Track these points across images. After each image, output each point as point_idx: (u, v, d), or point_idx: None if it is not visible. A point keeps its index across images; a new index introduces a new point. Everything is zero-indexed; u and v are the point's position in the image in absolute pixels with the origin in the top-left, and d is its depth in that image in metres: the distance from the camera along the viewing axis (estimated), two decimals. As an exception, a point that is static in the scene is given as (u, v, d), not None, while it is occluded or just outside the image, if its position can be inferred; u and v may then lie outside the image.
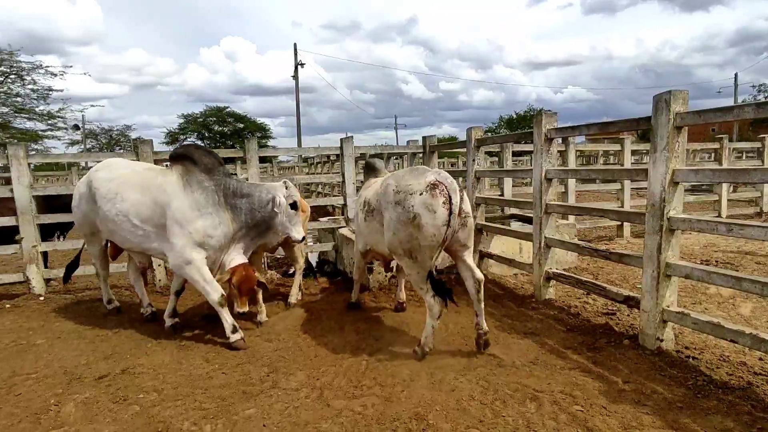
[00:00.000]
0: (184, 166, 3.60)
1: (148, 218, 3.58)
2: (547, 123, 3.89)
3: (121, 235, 3.72)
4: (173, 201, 3.48)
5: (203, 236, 3.46)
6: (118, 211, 3.62)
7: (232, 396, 2.78)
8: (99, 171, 3.86)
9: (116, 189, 3.68)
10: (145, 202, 3.57)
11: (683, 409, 2.45)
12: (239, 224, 3.58)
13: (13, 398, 2.85)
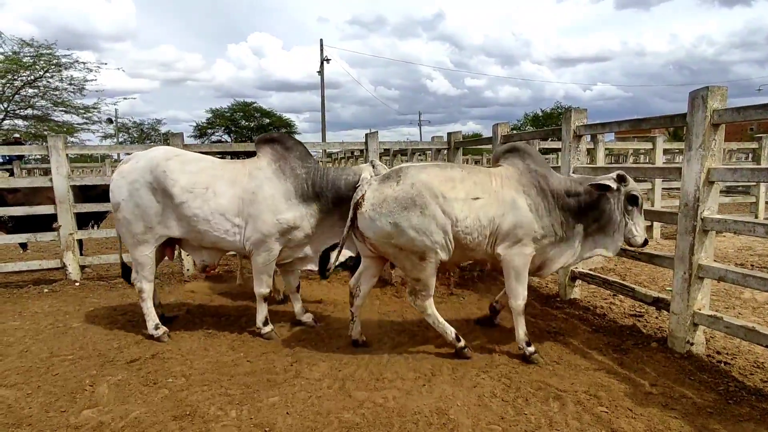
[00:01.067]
0: (274, 152, 3.49)
1: (242, 211, 3.38)
2: (576, 119, 3.82)
3: (212, 235, 3.40)
4: (265, 188, 3.37)
5: (290, 225, 3.40)
6: (213, 209, 3.34)
7: (256, 383, 2.84)
8: (170, 159, 3.42)
9: (205, 183, 3.36)
10: (239, 194, 3.37)
11: (713, 414, 2.38)
12: (327, 211, 3.47)
13: (51, 377, 2.99)
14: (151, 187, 3.37)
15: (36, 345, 3.51)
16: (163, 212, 3.40)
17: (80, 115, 15.15)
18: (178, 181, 3.34)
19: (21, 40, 13.24)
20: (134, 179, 3.39)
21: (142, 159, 3.47)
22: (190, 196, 3.33)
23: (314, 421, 2.43)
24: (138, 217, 3.41)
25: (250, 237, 3.41)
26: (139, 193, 3.38)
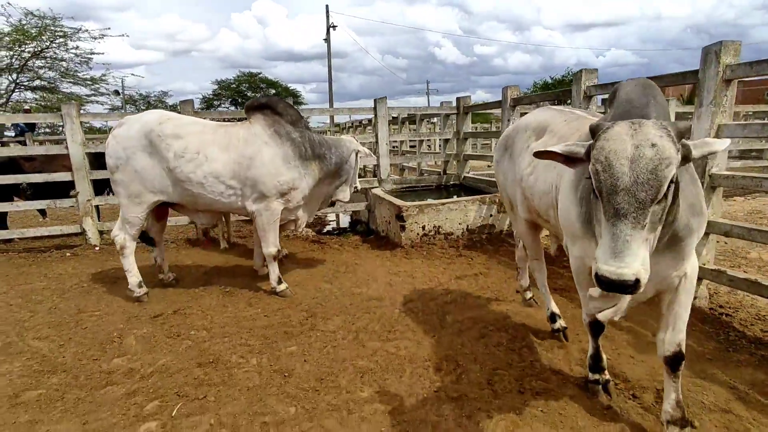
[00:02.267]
0: (267, 117, 3.56)
1: (238, 175, 3.46)
2: (587, 80, 3.79)
3: (207, 197, 3.48)
4: (263, 153, 3.45)
5: (289, 188, 3.53)
6: (207, 173, 3.41)
7: (274, 335, 2.99)
8: (162, 123, 3.45)
9: (196, 147, 3.40)
10: (234, 158, 3.44)
11: (712, 360, 2.48)
12: (324, 174, 3.69)
13: (81, 331, 3.16)
14: (147, 151, 3.42)
15: (63, 303, 3.69)
16: (160, 176, 3.45)
17: (88, 86, 15.19)
18: (171, 146, 3.39)
19: (25, 9, 13.15)
20: (129, 143, 3.42)
21: (136, 122, 3.49)
22: (182, 161, 3.39)
23: (330, 367, 2.57)
24: (133, 180, 3.45)
25: (252, 199, 3.53)
26: (135, 157, 3.42)
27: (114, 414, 2.21)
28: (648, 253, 1.34)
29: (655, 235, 1.39)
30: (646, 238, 1.33)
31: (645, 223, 1.31)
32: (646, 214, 1.31)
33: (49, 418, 2.20)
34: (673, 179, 1.33)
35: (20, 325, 3.26)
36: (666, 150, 1.31)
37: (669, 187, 1.33)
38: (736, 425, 1.97)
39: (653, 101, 1.65)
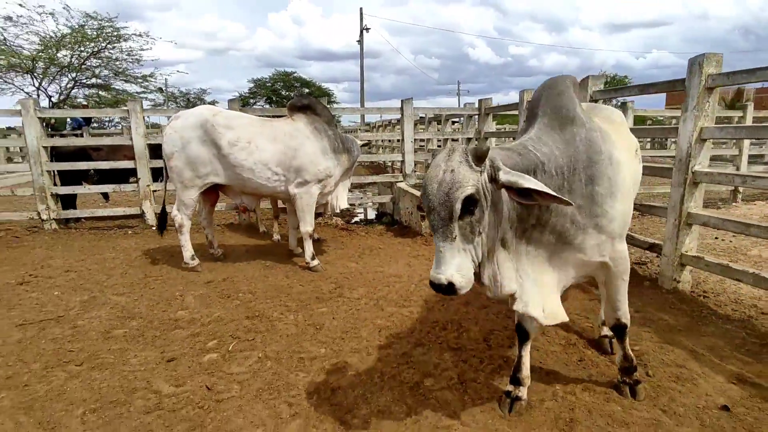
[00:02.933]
0: (308, 116, 4.19)
1: (283, 163, 4.03)
2: (593, 86, 4.18)
3: (255, 182, 4.03)
4: (306, 146, 4.07)
5: (326, 175, 4.20)
6: (257, 160, 3.96)
7: (308, 300, 3.55)
8: (217, 115, 4.01)
9: (248, 137, 3.95)
10: (281, 149, 4.02)
11: (682, 331, 2.87)
12: (350, 165, 4.42)
13: (149, 291, 3.81)
14: (201, 139, 3.94)
15: (132, 270, 4.37)
16: (211, 162, 3.99)
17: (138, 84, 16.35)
18: (224, 135, 3.93)
19: (85, 13, 14.32)
20: (186, 133, 3.95)
21: (191, 116, 4.03)
22: (235, 149, 3.96)
23: (354, 323, 3.10)
24: (188, 166, 3.99)
25: (294, 184, 4.14)
26: (190, 146, 3.94)
27: (183, 347, 2.80)
28: (470, 261, 1.56)
29: (477, 246, 1.58)
30: (463, 248, 1.54)
31: (454, 237, 1.51)
32: (452, 229, 1.51)
33: (134, 348, 2.81)
34: (475, 197, 1.51)
35: (101, 285, 3.94)
36: (460, 175, 1.49)
37: (472, 205, 1.51)
38: (686, 376, 2.38)
39: (549, 107, 1.91)
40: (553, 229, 1.82)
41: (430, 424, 2.05)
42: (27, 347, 2.82)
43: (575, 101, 1.94)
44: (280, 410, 2.16)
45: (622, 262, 2.02)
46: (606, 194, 1.86)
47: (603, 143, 1.89)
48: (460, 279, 1.53)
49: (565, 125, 1.88)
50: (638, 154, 2.28)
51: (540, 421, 2.06)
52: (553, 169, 1.78)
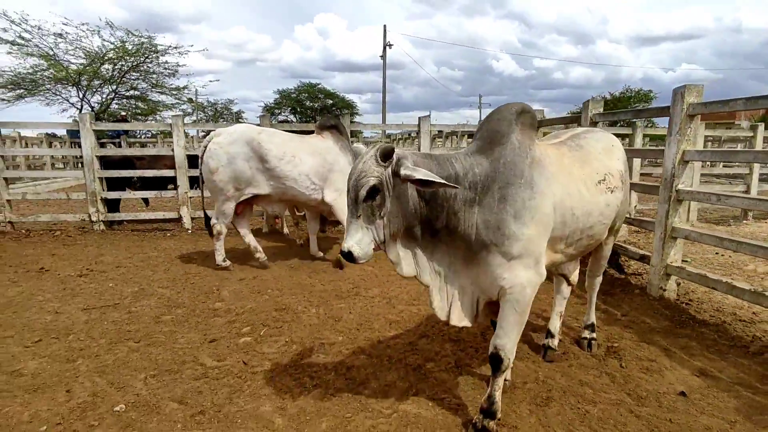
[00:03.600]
0: (334, 134, 4.84)
1: (320, 174, 4.67)
2: (593, 108, 4.55)
3: (296, 190, 4.60)
4: (340, 160, 4.75)
5: None
6: (300, 172, 4.56)
7: (328, 296, 4.00)
8: (261, 133, 4.53)
9: (293, 152, 4.54)
10: (320, 162, 4.67)
11: (660, 332, 3.21)
12: None
13: (190, 285, 4.32)
14: (247, 156, 4.44)
15: (173, 267, 4.91)
16: (253, 175, 4.51)
17: (173, 95, 17.32)
18: (271, 150, 4.50)
19: (127, 30, 15.37)
20: (232, 149, 4.42)
21: (236, 133, 4.50)
22: (281, 162, 4.52)
23: (368, 317, 3.53)
24: (232, 180, 4.46)
25: (329, 192, 4.74)
26: (236, 161, 4.42)
27: (222, 331, 3.28)
28: (370, 238, 1.86)
29: (378, 228, 1.87)
30: (365, 227, 1.86)
31: (358, 216, 1.85)
32: (357, 210, 1.85)
33: (181, 330, 3.31)
34: (378, 187, 1.82)
35: (148, 279, 4.48)
36: (367, 167, 1.83)
37: (374, 192, 1.82)
38: (654, 368, 2.72)
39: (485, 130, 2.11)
40: (462, 236, 2.00)
41: (427, 396, 2.46)
42: (93, 327, 3.35)
43: (512, 127, 2.06)
44: (304, 381, 2.61)
45: (519, 290, 2.01)
46: (514, 215, 1.97)
47: (528, 169, 2.01)
48: (357, 250, 1.85)
49: (494, 147, 2.03)
50: (606, 183, 2.34)
51: (521, 397, 2.45)
52: (468, 183, 1.97)
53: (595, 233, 2.38)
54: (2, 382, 2.60)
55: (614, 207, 2.44)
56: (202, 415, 2.30)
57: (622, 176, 2.51)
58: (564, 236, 2.20)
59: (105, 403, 2.40)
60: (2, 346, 3.05)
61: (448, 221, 1.98)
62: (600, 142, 2.55)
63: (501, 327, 2.10)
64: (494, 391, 2.15)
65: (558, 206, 2.09)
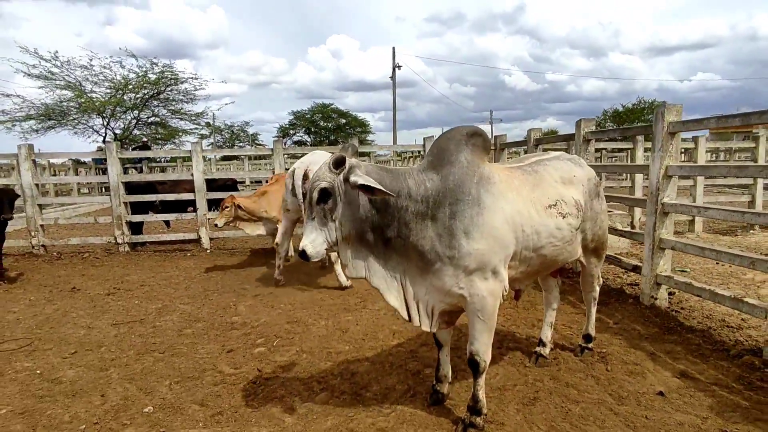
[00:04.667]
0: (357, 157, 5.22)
1: None
2: (585, 127, 4.79)
3: None
4: None
5: None
6: None
7: (337, 310, 4.27)
8: None
9: None
10: None
11: (648, 338, 3.38)
12: None
13: (208, 301, 4.64)
14: None
15: (193, 284, 5.25)
16: None
17: (191, 121, 18.08)
18: None
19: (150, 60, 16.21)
20: None
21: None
22: None
23: (373, 328, 3.78)
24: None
25: None
26: None
27: (238, 342, 3.57)
28: (323, 238, 2.05)
29: (330, 229, 2.06)
30: (318, 228, 2.05)
31: (313, 217, 2.05)
32: (311, 212, 2.05)
33: (201, 342, 3.61)
34: (329, 190, 2.01)
35: (170, 296, 4.82)
36: (321, 173, 2.05)
37: (325, 195, 2.01)
38: (638, 371, 2.91)
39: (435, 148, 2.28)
40: (415, 247, 2.14)
41: (424, 397, 2.69)
42: (122, 340, 3.67)
43: (461, 148, 2.22)
44: (312, 386, 2.87)
45: (479, 301, 2.17)
46: (464, 231, 2.11)
47: (476, 187, 2.16)
48: (311, 249, 2.04)
49: (444, 166, 2.19)
50: (557, 208, 2.47)
51: (510, 398, 2.66)
52: (419, 197, 2.12)
53: (548, 254, 2.49)
54: (45, 389, 2.92)
55: (567, 231, 2.53)
56: (221, 415, 2.57)
57: (578, 204, 2.61)
58: (517, 252, 2.32)
59: (135, 406, 2.69)
60: (43, 357, 3.38)
61: (399, 231, 2.12)
62: (559, 171, 2.65)
63: (472, 334, 2.28)
64: (477, 390, 2.35)
65: (509, 221, 2.24)
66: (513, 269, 2.40)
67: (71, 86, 15.65)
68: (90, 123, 16.54)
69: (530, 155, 3.00)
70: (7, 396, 2.84)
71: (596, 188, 2.84)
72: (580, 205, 2.65)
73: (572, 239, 2.64)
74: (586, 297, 3.18)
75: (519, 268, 2.43)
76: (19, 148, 6.52)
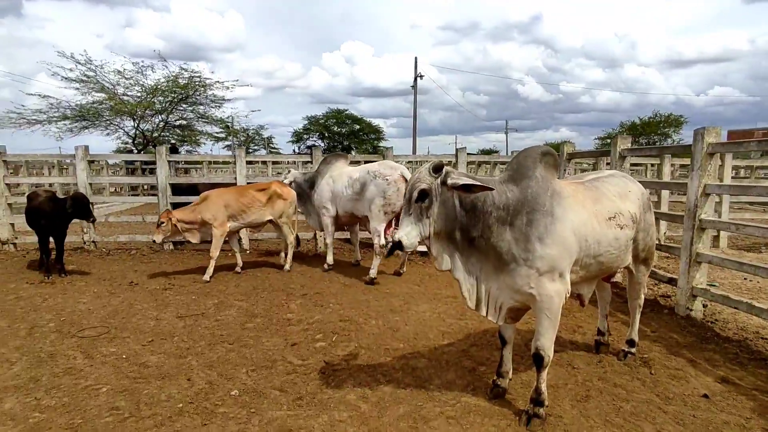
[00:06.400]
0: None
1: None
2: (621, 144, 5.02)
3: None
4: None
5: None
6: None
7: (384, 310, 4.53)
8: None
9: None
10: None
11: (686, 347, 3.59)
12: None
13: (261, 299, 4.93)
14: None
15: (243, 282, 5.55)
16: None
17: (216, 125, 18.55)
18: None
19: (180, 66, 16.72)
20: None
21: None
22: None
23: (422, 329, 4.04)
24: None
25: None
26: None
27: (299, 337, 3.84)
28: (417, 232, 2.33)
29: (424, 225, 2.34)
30: (414, 222, 2.34)
31: (410, 213, 2.35)
32: (410, 208, 2.35)
33: (264, 335, 3.89)
34: (427, 191, 2.31)
35: (223, 293, 5.12)
36: (421, 176, 2.35)
37: (424, 195, 2.31)
38: (680, 375, 3.12)
39: (515, 164, 2.60)
40: (494, 248, 2.44)
41: (483, 392, 2.93)
42: (191, 331, 3.97)
43: (537, 164, 2.54)
44: (378, 378, 3.13)
45: (547, 300, 2.44)
46: (538, 237, 2.40)
47: (549, 200, 2.45)
48: (405, 240, 2.32)
49: (522, 179, 2.50)
50: (616, 220, 2.75)
51: (563, 395, 2.90)
52: (501, 204, 2.42)
53: (605, 261, 2.76)
54: (135, 372, 3.22)
55: (624, 241, 2.83)
56: (301, 400, 2.84)
57: (633, 217, 2.89)
58: (579, 259, 2.60)
59: (221, 389, 2.98)
60: (124, 344, 3.69)
61: (483, 232, 2.42)
62: (615, 186, 2.94)
63: (538, 331, 2.53)
64: (540, 383, 2.60)
65: (575, 231, 2.52)
66: (574, 273, 2.67)
67: (105, 89, 16.22)
68: (122, 124, 17.08)
69: (588, 173, 3.28)
70: (104, 376, 3.14)
71: (648, 202, 3.11)
72: (635, 218, 2.93)
73: (627, 248, 2.92)
74: (631, 303, 3.40)
75: (579, 273, 2.70)
76: (76, 149, 6.92)
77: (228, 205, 5.75)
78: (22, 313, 4.43)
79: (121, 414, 2.70)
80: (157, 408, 2.76)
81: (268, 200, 5.96)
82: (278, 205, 6.02)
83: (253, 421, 2.63)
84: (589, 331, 3.92)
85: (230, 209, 5.76)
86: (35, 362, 3.37)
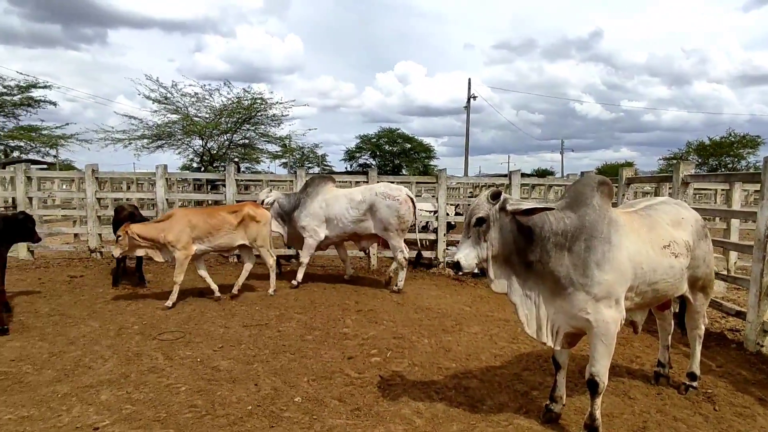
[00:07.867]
0: None
1: None
2: (684, 170, 4.89)
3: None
4: None
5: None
6: None
7: (435, 330, 4.64)
8: None
9: None
10: None
11: (755, 384, 3.43)
12: None
13: (318, 313, 5.19)
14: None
15: (301, 296, 5.86)
16: None
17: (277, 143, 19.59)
18: None
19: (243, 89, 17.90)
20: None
21: None
22: None
23: (474, 350, 4.11)
24: None
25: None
26: None
27: (356, 351, 4.04)
28: (475, 254, 2.47)
29: (482, 248, 2.47)
30: (472, 245, 2.48)
31: (468, 237, 2.50)
32: (468, 231, 2.51)
33: (323, 348, 4.11)
34: (485, 218, 2.45)
35: (284, 306, 5.44)
36: (480, 201, 2.51)
37: (482, 221, 2.45)
38: (747, 413, 3.00)
39: (572, 192, 2.72)
40: (552, 272, 2.52)
41: (535, 416, 2.97)
42: (256, 340, 4.28)
43: (594, 193, 2.62)
44: (431, 395, 3.24)
45: (603, 325, 2.50)
46: (596, 263, 2.48)
47: (606, 227, 2.53)
48: (464, 261, 2.47)
49: (579, 206, 2.59)
50: (671, 249, 2.78)
51: (619, 425, 2.88)
52: (560, 231, 2.52)
53: (660, 288, 2.79)
54: (209, 374, 3.54)
55: (678, 269, 2.84)
56: (359, 411, 3.02)
57: (687, 245, 2.90)
58: (634, 286, 2.65)
59: (285, 396, 3.22)
60: (198, 348, 4.05)
61: (541, 257, 2.52)
62: (668, 214, 2.96)
63: (593, 356, 2.57)
64: (594, 410, 2.63)
65: (631, 259, 2.58)
66: (629, 300, 2.70)
67: (178, 110, 17.63)
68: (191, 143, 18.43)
69: (640, 200, 3.29)
70: (182, 377, 3.48)
71: (703, 230, 3.07)
72: (690, 246, 2.92)
73: (682, 276, 2.90)
74: (690, 334, 3.32)
75: (634, 299, 2.73)
76: (156, 168, 7.64)
77: (194, 226, 5.32)
78: (110, 316, 4.95)
79: (199, 411, 2.99)
80: (230, 408, 3.03)
81: (240, 223, 5.55)
82: (252, 228, 5.63)
83: (315, 426, 2.84)
84: (647, 362, 3.83)
85: (196, 231, 5.33)
86: (124, 360, 3.78)
